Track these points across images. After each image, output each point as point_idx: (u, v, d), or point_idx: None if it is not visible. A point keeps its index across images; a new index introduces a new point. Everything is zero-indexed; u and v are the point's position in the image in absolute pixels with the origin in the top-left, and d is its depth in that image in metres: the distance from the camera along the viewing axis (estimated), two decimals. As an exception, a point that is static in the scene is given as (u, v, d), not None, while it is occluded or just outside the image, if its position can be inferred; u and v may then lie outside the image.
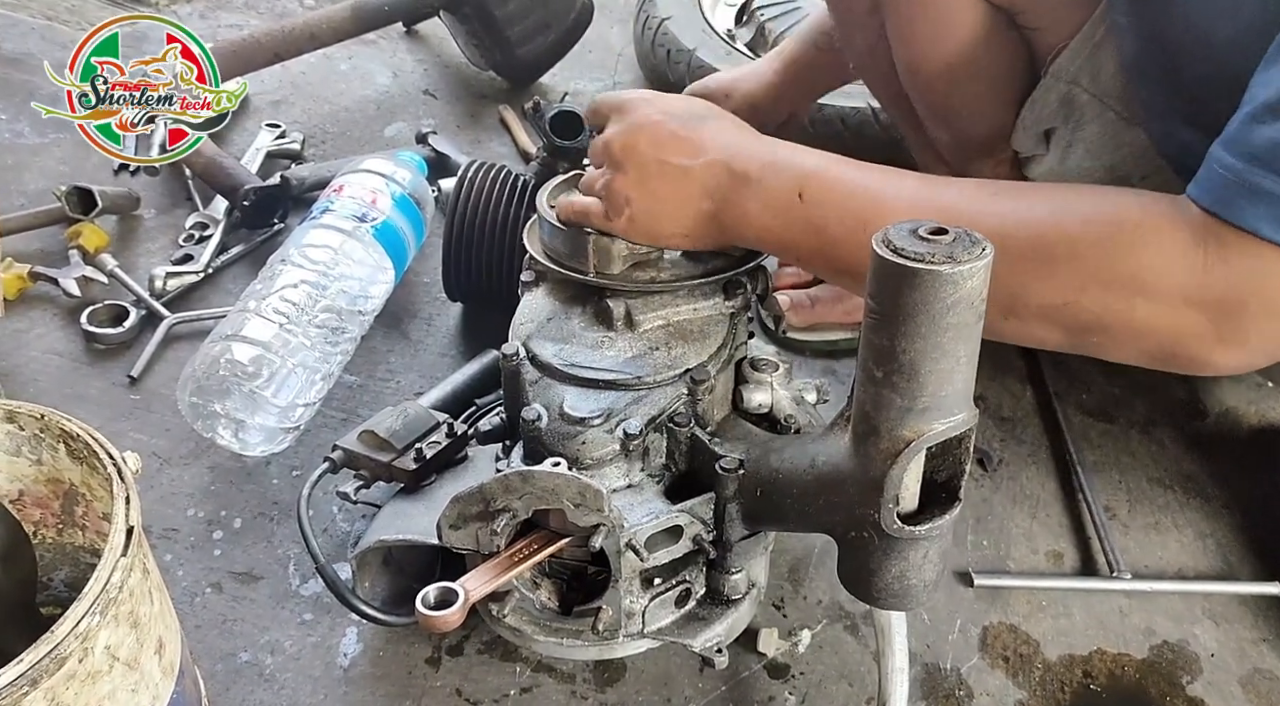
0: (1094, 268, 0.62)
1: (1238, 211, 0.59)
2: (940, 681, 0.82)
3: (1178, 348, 0.63)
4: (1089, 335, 0.65)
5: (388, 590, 0.81)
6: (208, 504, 0.92)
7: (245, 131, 1.44)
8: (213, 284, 1.18)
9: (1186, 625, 0.88)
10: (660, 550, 0.70)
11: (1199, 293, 0.61)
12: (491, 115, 1.55)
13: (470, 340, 1.13)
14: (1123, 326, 0.63)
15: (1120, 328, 0.64)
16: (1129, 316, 0.63)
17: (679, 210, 0.73)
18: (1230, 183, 0.60)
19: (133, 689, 0.56)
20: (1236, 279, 0.60)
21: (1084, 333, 0.65)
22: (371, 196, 1.10)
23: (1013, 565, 0.92)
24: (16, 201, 1.24)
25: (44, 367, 1.05)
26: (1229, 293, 0.60)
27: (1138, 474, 1.03)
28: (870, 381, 0.54)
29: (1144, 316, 0.62)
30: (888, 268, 0.50)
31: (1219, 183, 0.60)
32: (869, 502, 0.57)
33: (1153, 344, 0.64)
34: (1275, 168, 0.58)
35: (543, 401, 0.73)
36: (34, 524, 0.68)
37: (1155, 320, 0.62)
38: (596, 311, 0.78)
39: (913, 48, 0.95)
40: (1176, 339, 0.63)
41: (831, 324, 1.13)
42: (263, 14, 1.78)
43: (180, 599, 0.84)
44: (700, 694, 0.80)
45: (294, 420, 0.94)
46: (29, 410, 0.62)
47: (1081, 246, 0.63)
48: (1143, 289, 0.62)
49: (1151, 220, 0.62)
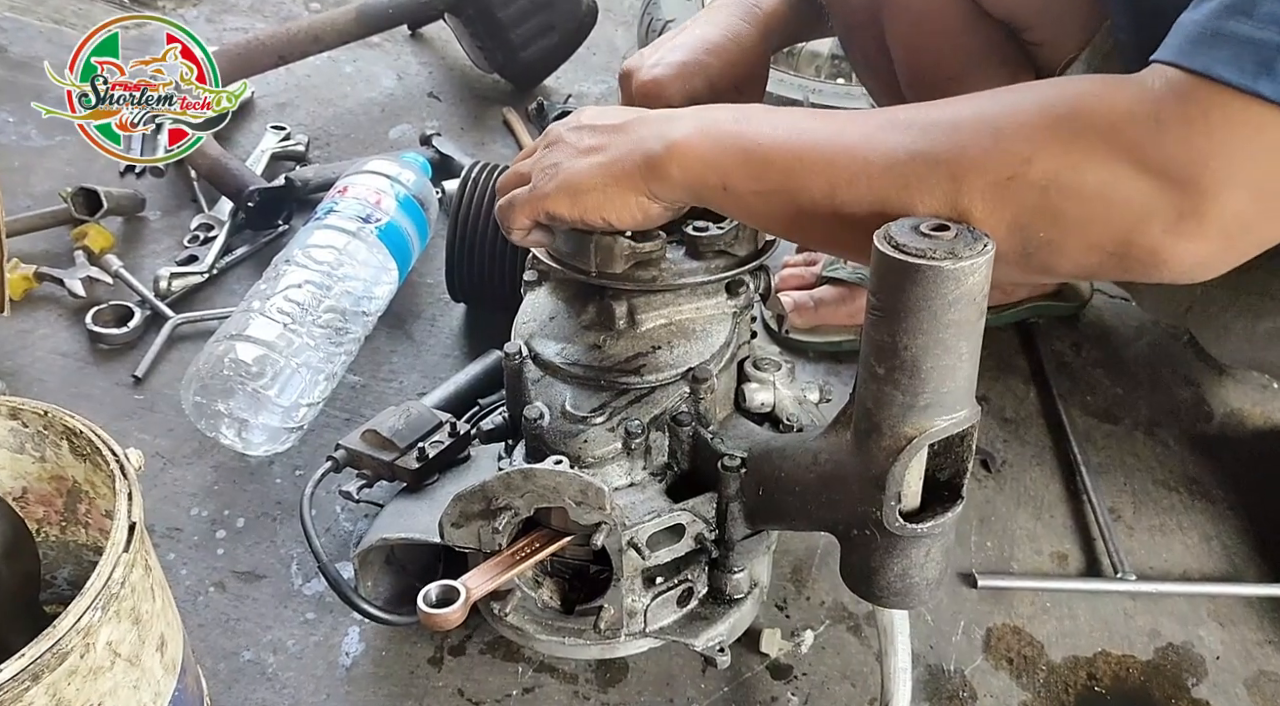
0: (1050, 127, 0.56)
1: (1200, 58, 0.52)
2: (944, 683, 0.82)
3: (1132, 234, 0.56)
4: (1039, 219, 0.58)
5: (390, 590, 0.82)
6: (211, 503, 0.93)
7: (250, 133, 1.45)
8: (217, 285, 1.18)
9: (1191, 627, 0.88)
10: (662, 549, 0.70)
11: (1155, 153, 0.53)
12: (495, 117, 1.56)
13: (473, 341, 1.13)
14: (1070, 204, 0.57)
15: (1068, 206, 0.57)
16: (1078, 188, 0.56)
17: (604, 158, 0.69)
18: (1195, 36, 0.54)
19: (134, 685, 0.56)
20: (1195, 136, 0.53)
21: (1034, 215, 0.58)
22: (376, 197, 1.10)
23: (1016, 566, 0.92)
24: (23, 203, 1.25)
25: (49, 367, 1.06)
26: (1186, 152, 0.53)
27: (1142, 475, 1.02)
28: (872, 378, 0.54)
29: (1094, 186, 0.55)
30: (889, 263, 0.50)
31: (1182, 36, 0.55)
32: (871, 500, 0.57)
33: (1103, 232, 0.57)
34: (1248, 12, 0.52)
35: (545, 400, 0.73)
36: (37, 521, 0.68)
37: (1106, 190, 0.55)
38: (599, 310, 0.78)
39: (914, 60, 0.94)
40: (1129, 220, 0.56)
41: (835, 326, 1.13)
42: (268, 17, 1.79)
43: (183, 598, 0.84)
44: (703, 694, 0.80)
45: (297, 420, 0.94)
46: (32, 407, 0.62)
47: (1039, 110, 0.57)
48: (1092, 150, 0.55)
49: (1108, 82, 0.57)
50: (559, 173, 0.70)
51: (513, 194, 0.73)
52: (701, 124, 0.67)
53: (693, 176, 0.66)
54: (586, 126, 0.71)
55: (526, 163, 0.75)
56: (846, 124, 0.64)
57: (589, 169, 0.69)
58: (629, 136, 0.69)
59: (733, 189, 0.64)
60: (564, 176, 0.69)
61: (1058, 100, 0.57)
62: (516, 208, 0.72)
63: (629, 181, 0.68)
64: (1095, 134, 0.55)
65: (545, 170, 0.71)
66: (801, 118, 0.67)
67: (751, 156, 0.63)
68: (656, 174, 0.66)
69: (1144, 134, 0.53)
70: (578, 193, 0.69)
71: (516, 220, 0.72)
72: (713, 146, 0.65)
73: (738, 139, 0.64)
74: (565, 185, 0.69)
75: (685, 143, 0.65)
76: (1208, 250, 0.55)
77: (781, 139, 0.63)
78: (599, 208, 0.69)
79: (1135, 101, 0.54)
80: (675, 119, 0.68)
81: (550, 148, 0.73)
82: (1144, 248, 0.56)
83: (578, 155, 0.70)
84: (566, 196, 0.69)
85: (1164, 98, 0.53)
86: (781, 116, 0.67)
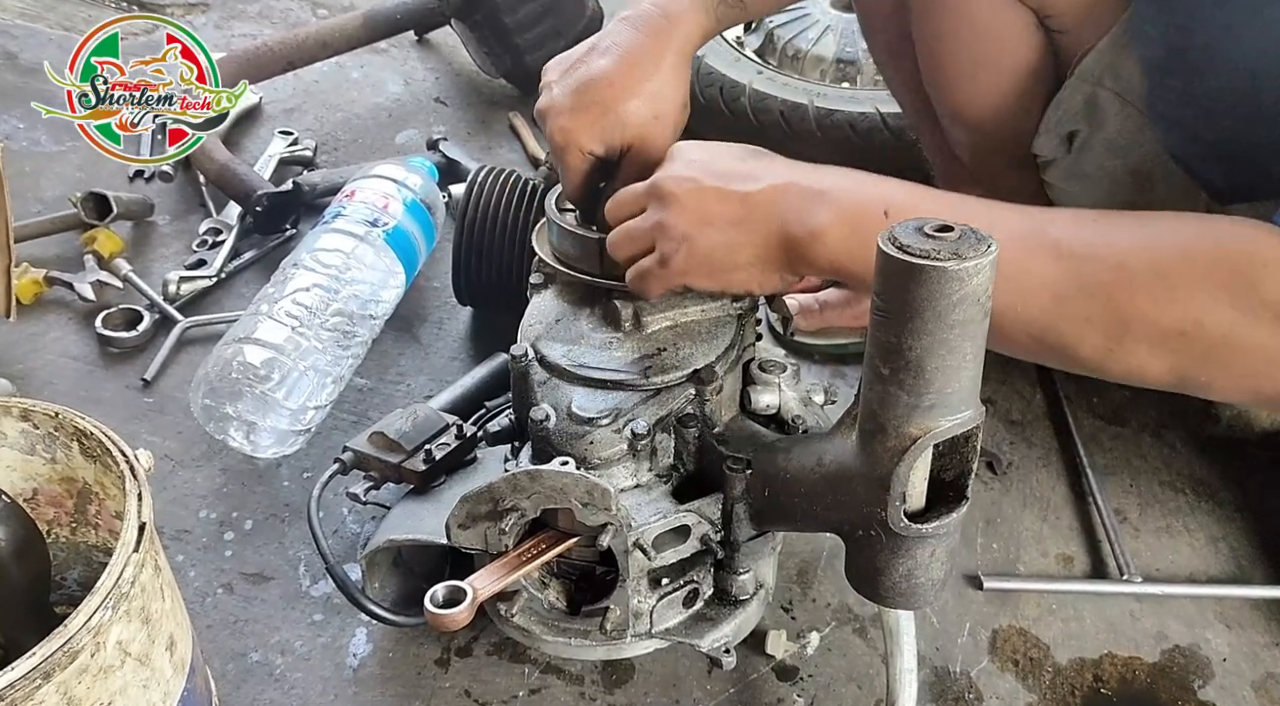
0: (1222, 290, 0.59)
1: None
2: (950, 684, 0.82)
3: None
4: (1201, 367, 0.61)
5: (397, 591, 0.82)
6: (219, 505, 0.93)
7: (258, 138, 1.46)
8: (226, 288, 1.19)
9: (1198, 629, 0.88)
10: (668, 550, 0.70)
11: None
12: (502, 122, 1.56)
13: (480, 344, 1.14)
14: (1236, 359, 0.60)
15: (1233, 361, 0.60)
16: (1245, 346, 0.59)
17: (743, 237, 0.68)
18: None
19: (144, 684, 0.57)
20: None
21: (1197, 363, 0.61)
22: (383, 202, 1.10)
23: (1023, 568, 0.92)
24: (33, 208, 1.26)
25: (59, 371, 1.07)
26: None
27: (1149, 477, 1.02)
28: (877, 379, 0.55)
29: (1259, 344, 0.59)
30: (894, 264, 0.50)
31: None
32: (876, 501, 0.57)
33: (1265, 384, 0.61)
34: None
35: (551, 402, 0.73)
36: (48, 522, 0.68)
37: (1273, 351, 0.59)
38: (605, 312, 0.79)
39: (938, 48, 0.94)
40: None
41: (840, 328, 1.13)
42: (276, 23, 1.80)
43: (192, 599, 0.85)
44: (709, 696, 0.80)
45: (305, 422, 0.95)
46: (43, 408, 0.63)
47: (1209, 267, 0.59)
48: (1263, 314, 0.58)
49: (1272, 246, 0.59)
50: (691, 248, 0.69)
51: (643, 267, 0.72)
52: (845, 214, 0.65)
53: (837, 267, 0.67)
54: (709, 189, 0.68)
55: (639, 224, 0.72)
56: (1006, 240, 0.61)
57: (727, 248, 0.68)
58: (767, 213, 0.67)
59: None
60: (701, 253, 0.69)
61: (1226, 256, 0.59)
62: (650, 282, 0.72)
63: (771, 264, 0.68)
64: (1265, 300, 0.58)
65: (673, 241, 0.69)
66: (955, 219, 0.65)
67: None
68: (801, 258, 0.67)
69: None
70: (717, 270, 0.69)
71: (652, 291, 0.73)
72: (859, 243, 0.64)
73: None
74: (704, 263, 0.69)
75: (830, 234, 0.65)
76: None
77: None
78: (744, 283, 0.71)
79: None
80: (818, 199, 0.66)
81: (667, 208, 0.70)
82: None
83: (705, 226, 0.68)
84: (705, 274, 0.70)
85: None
86: (933, 212, 0.65)
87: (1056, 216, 0.67)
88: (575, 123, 0.78)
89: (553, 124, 0.79)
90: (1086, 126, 0.92)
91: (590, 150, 0.78)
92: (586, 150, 0.78)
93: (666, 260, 0.70)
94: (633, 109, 0.78)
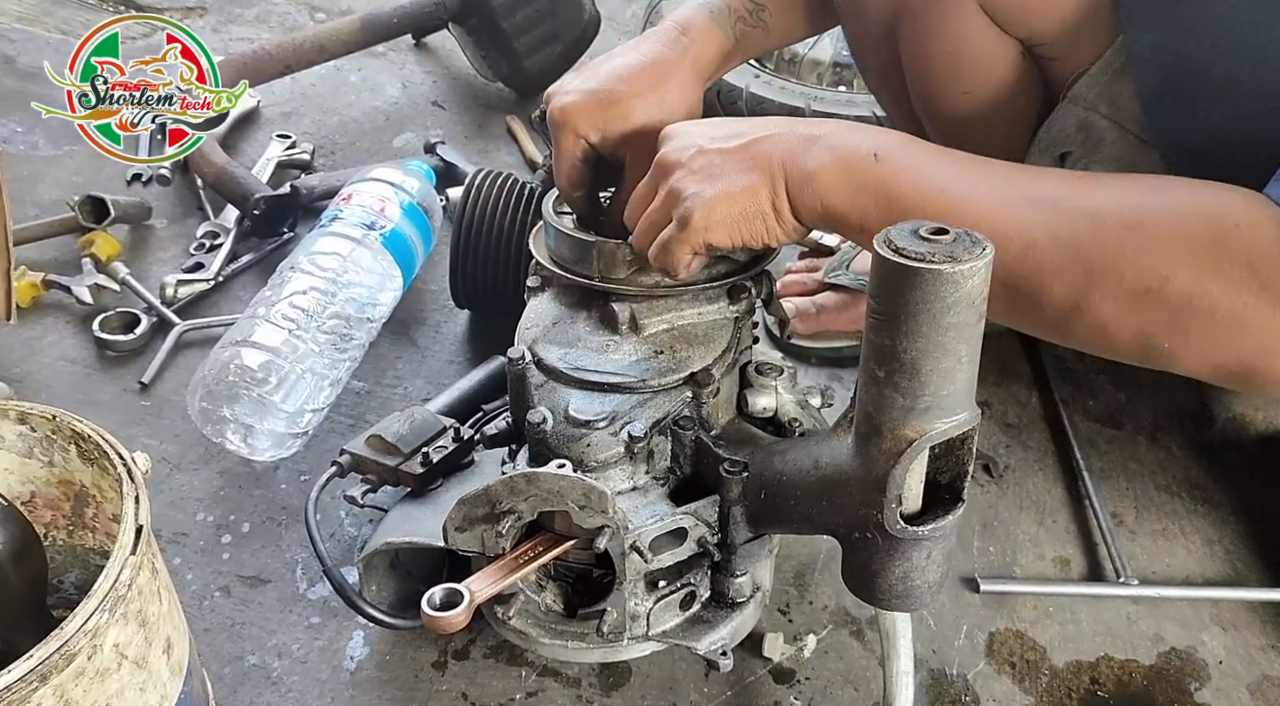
0: (1193, 247, 0.58)
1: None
2: (946, 687, 0.82)
3: (1258, 360, 0.59)
4: (1166, 332, 0.60)
5: (394, 594, 0.82)
6: (217, 508, 0.93)
7: (256, 142, 1.46)
8: (223, 291, 1.19)
9: (1195, 632, 0.88)
10: (665, 552, 0.70)
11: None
12: (499, 125, 1.57)
13: (477, 347, 1.14)
14: (1201, 324, 0.58)
15: (1197, 326, 0.59)
16: (1210, 311, 0.58)
17: (752, 182, 0.68)
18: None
19: (141, 687, 0.57)
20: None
21: (1162, 327, 0.60)
22: (380, 205, 1.11)
23: (1019, 571, 0.92)
24: (31, 211, 1.26)
25: (57, 374, 1.07)
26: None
27: (1145, 480, 1.02)
28: (872, 381, 0.55)
29: (1227, 311, 0.57)
30: (889, 267, 0.51)
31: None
32: (872, 503, 0.58)
33: (1229, 354, 0.59)
34: None
35: (548, 404, 0.74)
36: (45, 525, 0.68)
37: (1239, 317, 0.57)
38: (602, 315, 0.79)
39: (928, 75, 0.94)
40: (1257, 347, 0.58)
41: (836, 331, 1.13)
42: (273, 27, 1.80)
43: (189, 602, 0.84)
44: (705, 699, 0.80)
45: (302, 425, 0.95)
46: (41, 411, 0.63)
47: (1183, 223, 0.58)
48: (1231, 277, 0.57)
49: (1254, 210, 0.58)
50: (705, 202, 0.68)
51: (662, 238, 0.72)
52: (837, 155, 0.66)
53: (828, 209, 0.67)
54: (711, 150, 0.69)
55: (654, 205, 0.73)
56: (986, 187, 0.63)
57: (739, 195, 0.68)
58: (768, 155, 0.67)
59: (869, 231, 0.64)
60: (716, 205, 0.68)
61: (1202, 215, 0.59)
62: (674, 249, 0.71)
63: (782, 212, 0.68)
64: (1237, 261, 0.57)
65: (686, 202, 0.69)
66: (940, 167, 0.65)
67: (891, 208, 0.64)
68: (798, 201, 0.68)
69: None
70: (735, 221, 0.69)
71: (678, 259, 0.72)
72: (851, 187, 0.65)
73: (879, 184, 0.65)
74: (722, 215, 0.68)
75: (822, 176, 0.66)
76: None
77: (924, 194, 0.64)
78: (762, 234, 0.70)
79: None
80: (813, 142, 0.66)
81: (674, 177, 0.70)
82: (1266, 375, 0.59)
83: (713, 179, 0.68)
84: (724, 227, 0.69)
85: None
86: (920, 159, 0.66)
87: (1041, 172, 0.67)
88: (578, 104, 0.79)
89: (555, 103, 0.80)
90: (1080, 150, 0.92)
91: (585, 135, 0.79)
92: (581, 133, 0.79)
93: (685, 221, 0.69)
94: (638, 105, 0.79)
